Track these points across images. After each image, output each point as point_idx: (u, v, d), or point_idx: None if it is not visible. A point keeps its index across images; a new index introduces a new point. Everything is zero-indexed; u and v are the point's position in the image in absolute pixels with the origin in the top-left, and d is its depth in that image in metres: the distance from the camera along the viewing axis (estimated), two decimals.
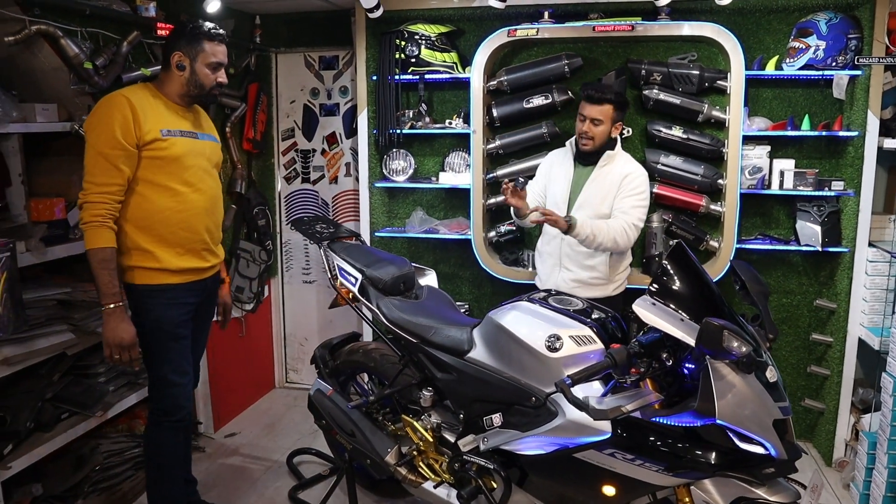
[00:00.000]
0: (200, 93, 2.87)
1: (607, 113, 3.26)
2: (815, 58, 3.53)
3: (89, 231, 2.64)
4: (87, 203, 2.63)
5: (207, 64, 2.82)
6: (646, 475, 2.25)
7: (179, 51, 2.79)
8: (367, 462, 3.04)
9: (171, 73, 2.83)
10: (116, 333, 2.68)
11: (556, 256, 3.46)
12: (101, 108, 2.67)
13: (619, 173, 3.34)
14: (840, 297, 3.75)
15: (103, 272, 2.65)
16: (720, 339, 1.96)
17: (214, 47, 2.83)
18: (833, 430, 3.80)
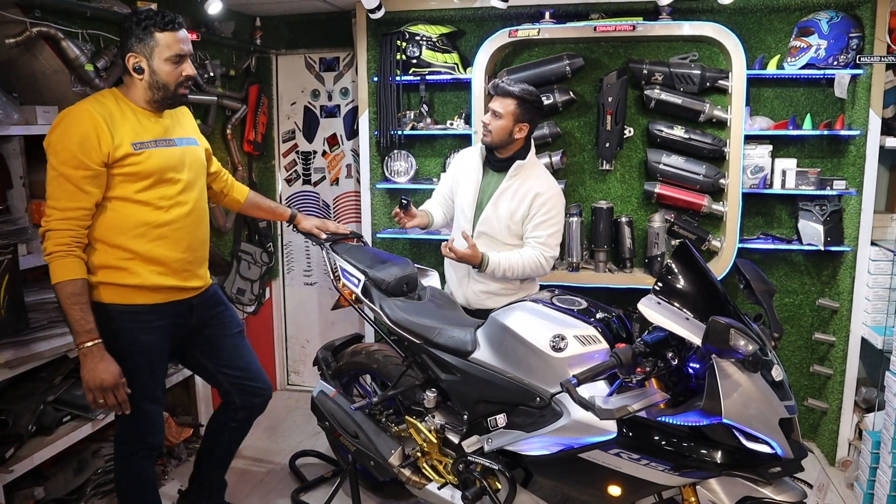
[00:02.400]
0: (166, 94, 2.52)
1: (508, 107, 3.05)
2: (816, 57, 3.52)
3: (55, 263, 2.36)
4: (51, 231, 2.36)
5: (166, 59, 2.46)
6: (652, 475, 2.25)
7: (132, 51, 2.46)
8: (371, 464, 3.03)
9: (132, 78, 2.51)
10: (96, 375, 2.39)
11: (465, 268, 3.24)
12: (62, 123, 2.38)
13: (529, 191, 3.13)
14: (842, 297, 3.75)
15: (74, 308, 2.36)
16: (727, 338, 1.95)
17: (170, 38, 2.45)
18: (836, 429, 3.79)
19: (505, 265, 3.07)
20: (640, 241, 4.00)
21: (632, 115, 3.94)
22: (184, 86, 2.55)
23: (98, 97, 2.50)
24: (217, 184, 3.04)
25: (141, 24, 2.43)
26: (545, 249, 3.11)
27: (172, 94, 2.53)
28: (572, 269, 3.90)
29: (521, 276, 3.12)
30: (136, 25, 2.44)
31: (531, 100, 3.08)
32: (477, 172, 3.25)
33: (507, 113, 3.06)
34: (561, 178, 3.97)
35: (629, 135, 3.93)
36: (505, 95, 3.07)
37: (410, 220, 3.22)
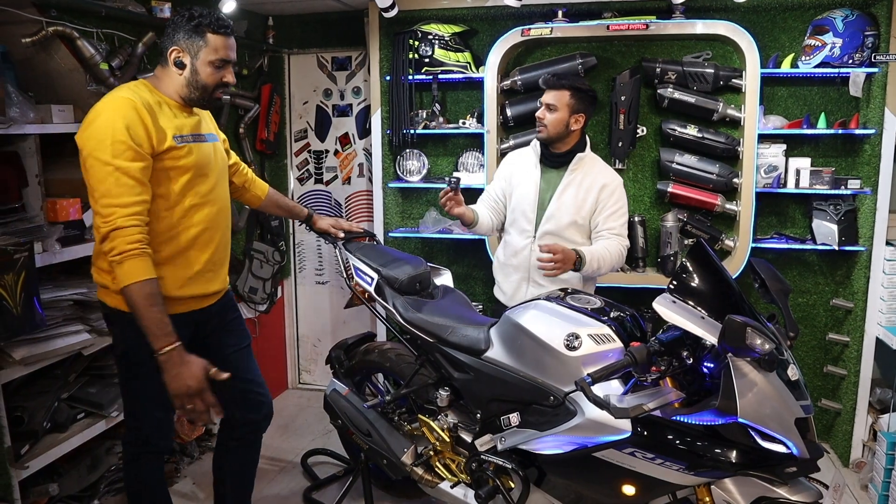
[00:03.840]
0: (202, 95, 2.44)
1: (562, 99, 3.05)
2: (831, 55, 3.51)
3: (128, 262, 2.19)
4: (119, 230, 2.19)
5: (211, 62, 2.39)
6: (666, 474, 2.24)
7: (178, 45, 2.38)
8: (384, 462, 3.03)
9: (169, 71, 2.42)
10: (182, 381, 2.23)
11: (525, 270, 3.23)
12: (104, 114, 2.23)
13: (594, 182, 3.14)
14: (857, 297, 3.73)
15: (152, 310, 2.21)
16: (743, 337, 1.94)
17: (220, 41, 2.39)
18: (850, 430, 3.77)
19: (598, 258, 3.02)
20: (652, 241, 3.98)
21: (644, 114, 3.93)
22: (221, 90, 2.48)
23: (131, 87, 2.38)
24: (238, 177, 2.97)
25: (194, 20, 2.36)
26: (622, 240, 3.14)
27: (208, 96, 2.46)
28: None
29: (609, 268, 3.10)
30: (187, 21, 2.36)
31: (585, 89, 3.10)
32: (535, 171, 3.22)
33: (563, 105, 3.06)
34: None
35: (642, 134, 3.92)
36: (559, 87, 3.07)
37: (458, 205, 3.11)
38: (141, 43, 3.22)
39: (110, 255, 2.21)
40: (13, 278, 2.43)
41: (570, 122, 3.10)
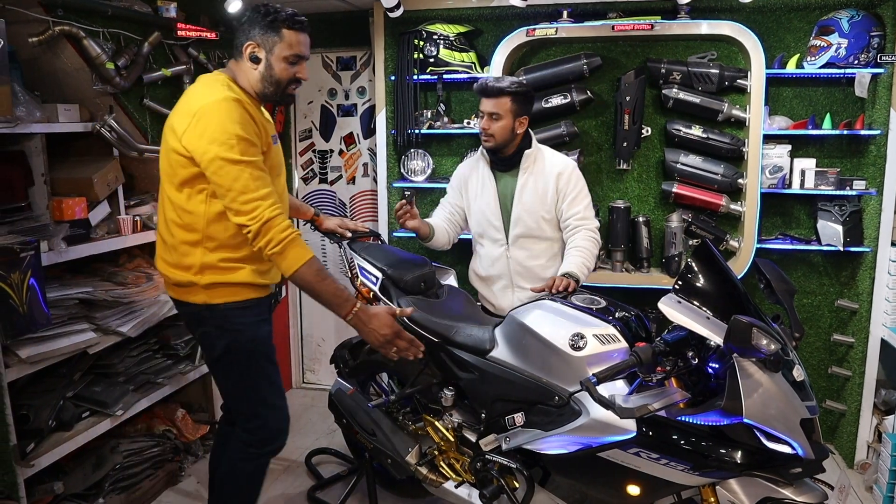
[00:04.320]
0: (276, 90, 2.46)
1: (504, 106, 3.01)
2: (836, 56, 3.50)
3: (293, 246, 2.30)
4: (271, 220, 2.27)
5: (285, 57, 2.41)
6: (671, 475, 2.24)
7: (253, 40, 2.40)
8: (388, 461, 3.04)
9: (243, 66, 2.44)
10: (377, 334, 2.42)
11: (507, 277, 3.23)
12: (216, 116, 2.27)
13: (550, 173, 3.11)
14: (862, 298, 3.72)
15: (327, 282, 2.36)
16: (749, 337, 1.94)
17: (295, 37, 2.42)
18: (855, 431, 3.76)
19: (585, 264, 2.98)
20: (657, 241, 3.98)
21: (649, 114, 3.92)
22: (293, 86, 2.51)
23: (223, 82, 2.40)
24: None
25: (269, 16, 2.39)
26: (588, 223, 3.11)
27: (281, 91, 2.48)
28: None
29: (593, 261, 3.05)
30: (263, 17, 2.39)
31: (524, 91, 3.05)
32: (489, 180, 3.21)
33: (506, 111, 3.02)
34: None
35: (647, 134, 3.91)
36: (499, 95, 3.01)
37: (413, 218, 3.13)
38: (147, 42, 3.24)
39: (268, 248, 2.28)
40: (20, 277, 2.44)
41: (516, 127, 3.07)
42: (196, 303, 2.45)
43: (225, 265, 2.42)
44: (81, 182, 3.08)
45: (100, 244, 3.13)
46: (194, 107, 2.30)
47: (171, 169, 2.37)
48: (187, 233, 2.40)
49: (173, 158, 2.34)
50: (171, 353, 3.69)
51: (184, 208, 2.38)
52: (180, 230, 2.40)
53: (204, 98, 2.31)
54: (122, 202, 3.29)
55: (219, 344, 2.48)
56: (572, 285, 2.79)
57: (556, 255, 3.21)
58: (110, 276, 3.31)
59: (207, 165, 2.26)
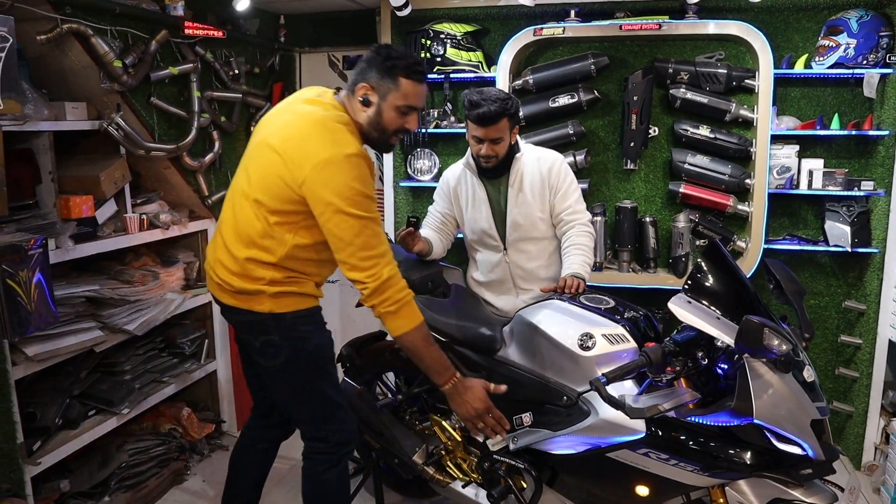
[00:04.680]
0: (380, 137, 2.40)
1: (504, 127, 2.89)
2: (845, 56, 3.49)
3: (406, 308, 2.33)
4: (390, 279, 2.29)
5: (397, 106, 2.34)
6: (680, 475, 2.23)
7: (368, 83, 2.33)
8: (395, 461, 3.03)
9: (354, 104, 2.37)
10: (469, 406, 2.43)
11: (508, 282, 3.17)
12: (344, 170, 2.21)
13: (540, 169, 3.03)
14: (870, 299, 3.71)
15: (432, 349, 2.39)
16: (761, 337, 1.94)
17: (411, 88, 2.33)
18: (862, 433, 3.75)
19: (587, 262, 2.92)
20: (664, 242, 3.97)
21: (657, 114, 3.91)
22: (398, 135, 2.45)
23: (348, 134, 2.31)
24: None
25: (389, 61, 2.32)
26: (581, 216, 3.03)
27: (386, 139, 2.43)
28: (596, 269, 3.87)
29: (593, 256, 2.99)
30: (383, 61, 2.32)
31: (513, 105, 2.93)
32: (479, 189, 3.11)
33: (505, 131, 2.92)
34: (585, 177, 3.96)
35: (654, 134, 3.91)
36: (498, 119, 2.86)
37: (417, 243, 3.05)
38: (154, 41, 3.22)
39: (382, 306, 2.30)
40: (27, 274, 2.44)
41: (512, 139, 3.00)
42: (261, 311, 2.40)
43: (292, 279, 2.41)
44: (88, 180, 3.07)
45: (106, 242, 3.12)
46: (320, 153, 2.23)
47: (276, 195, 2.31)
48: (262, 253, 2.35)
49: (284, 190, 2.29)
50: (176, 351, 3.70)
51: (271, 233, 2.34)
52: (255, 249, 2.36)
53: (331, 147, 2.24)
54: (128, 200, 3.28)
55: (283, 353, 2.44)
56: (582, 286, 2.77)
57: (553, 254, 3.15)
58: (117, 275, 3.31)
59: (328, 217, 2.24)
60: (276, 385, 2.58)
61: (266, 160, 2.34)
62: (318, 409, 2.56)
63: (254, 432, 2.89)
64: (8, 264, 2.35)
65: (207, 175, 3.75)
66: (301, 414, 2.61)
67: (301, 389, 2.54)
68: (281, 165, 2.28)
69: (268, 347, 2.45)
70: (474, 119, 2.88)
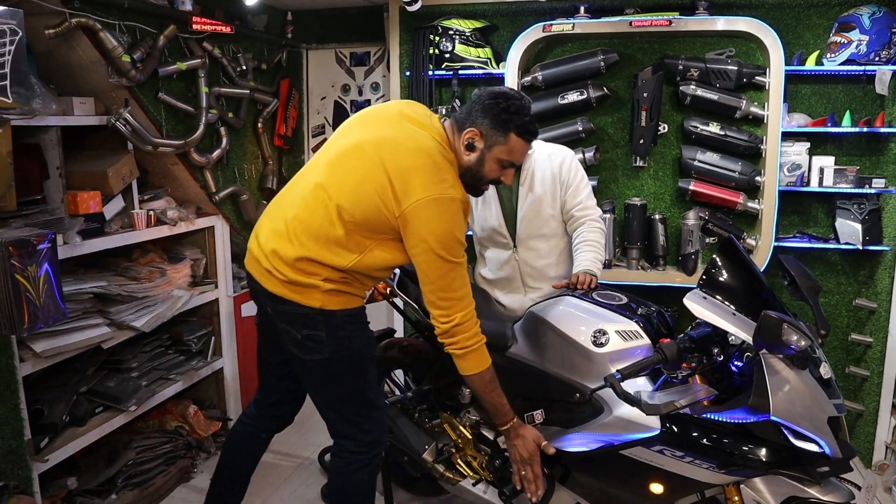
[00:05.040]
0: (473, 183, 2.40)
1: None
2: (857, 52, 3.47)
3: (476, 352, 2.38)
4: (466, 322, 2.33)
5: (500, 160, 2.35)
6: (696, 473, 2.21)
7: (478, 129, 2.31)
8: (404, 459, 3.01)
9: (459, 143, 2.36)
10: (518, 450, 2.51)
11: (517, 280, 3.12)
12: (443, 215, 2.22)
13: (552, 164, 2.96)
14: (881, 297, 3.68)
15: (495, 393, 2.44)
16: (780, 333, 1.92)
17: (520, 146, 2.35)
18: (873, 432, 3.72)
19: (598, 258, 2.89)
20: (673, 239, 3.95)
21: (666, 111, 3.89)
22: (489, 185, 2.47)
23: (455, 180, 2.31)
24: None
25: (505, 114, 2.30)
26: (591, 212, 2.98)
27: (478, 186, 2.44)
28: (605, 267, 3.82)
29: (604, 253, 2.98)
30: (501, 111, 2.30)
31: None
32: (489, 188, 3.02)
33: None
34: (594, 174, 3.94)
35: (663, 131, 3.89)
36: None
37: None
38: (162, 36, 3.21)
39: (451, 346, 2.38)
40: (35, 269, 2.41)
41: None
42: (311, 305, 2.35)
43: (345, 280, 2.37)
44: (96, 175, 3.06)
45: (114, 238, 3.11)
46: (428, 193, 2.21)
47: (361, 207, 2.28)
48: (335, 257, 2.31)
49: (375, 209, 2.26)
50: (183, 349, 3.68)
51: (348, 242, 2.31)
52: (323, 249, 2.31)
53: (437, 188, 2.22)
54: (136, 196, 3.27)
55: (326, 349, 2.39)
56: (594, 282, 2.75)
57: (563, 252, 3.11)
58: (124, 271, 3.29)
59: (419, 253, 2.26)
60: (313, 379, 2.54)
61: (365, 171, 2.28)
62: (354, 407, 2.54)
63: (255, 421, 2.84)
64: (16, 259, 2.32)
65: (214, 171, 3.74)
66: (335, 411, 2.56)
67: (339, 387, 2.50)
68: (386, 188, 2.24)
69: (310, 342, 2.40)
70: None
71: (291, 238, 2.34)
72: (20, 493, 2.65)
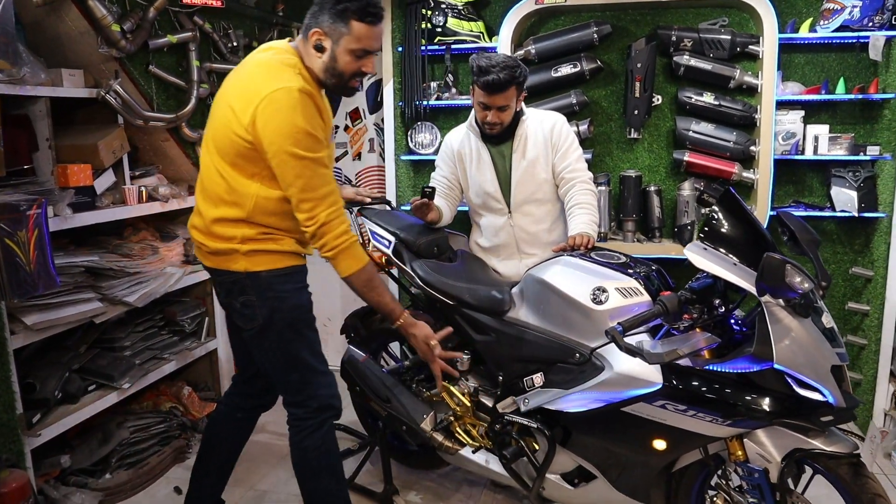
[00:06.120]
0: (338, 83, 2.35)
1: (511, 95, 2.89)
2: (850, 18, 3.46)
3: (351, 249, 2.34)
4: (331, 222, 2.29)
5: (352, 50, 2.28)
6: (698, 426, 2.20)
7: (320, 28, 2.27)
8: (403, 428, 2.98)
9: (309, 50, 2.32)
10: (419, 343, 2.59)
11: (512, 246, 3.15)
12: (285, 109, 2.19)
13: (541, 131, 3.03)
14: (877, 264, 3.69)
15: (375, 292, 2.45)
16: (783, 274, 1.91)
17: (364, 31, 2.27)
18: (871, 399, 3.73)
19: (593, 220, 2.92)
20: (668, 211, 3.94)
21: (660, 83, 3.88)
22: (356, 79, 2.40)
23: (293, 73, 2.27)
24: None
25: (340, 4, 2.24)
26: (581, 174, 3.02)
27: (344, 84, 2.38)
28: (600, 239, 3.83)
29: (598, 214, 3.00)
30: (334, 4, 2.25)
31: (521, 71, 2.91)
32: (484, 153, 3.10)
33: (512, 99, 2.92)
34: (588, 147, 3.93)
35: (657, 102, 3.87)
36: (506, 87, 2.85)
37: (431, 211, 3.06)
38: (153, 7, 3.17)
39: (322, 251, 2.34)
40: (26, 235, 2.38)
41: (517, 106, 2.99)
42: (237, 270, 2.37)
43: (266, 236, 2.37)
44: (86, 148, 3.03)
45: (105, 213, 3.07)
46: (262, 91, 2.20)
47: (228, 147, 2.29)
48: (231, 210, 2.33)
49: (234, 140, 2.26)
50: (176, 329, 3.65)
51: (235, 187, 2.31)
52: (225, 206, 2.33)
53: (273, 84, 2.21)
54: (127, 172, 3.24)
55: (260, 313, 2.39)
56: (592, 241, 2.74)
57: (558, 217, 3.14)
58: (115, 248, 3.27)
59: (272, 157, 2.23)
60: (256, 349, 2.53)
61: (220, 114, 2.33)
62: (295, 373, 2.51)
63: (232, 399, 2.83)
64: (6, 223, 2.29)
65: None
66: (279, 379, 2.56)
67: (278, 353, 2.48)
68: (231, 116, 2.26)
69: (246, 309, 2.41)
70: (482, 86, 2.86)
71: (201, 208, 2.42)
72: (12, 466, 2.61)
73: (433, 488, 3.31)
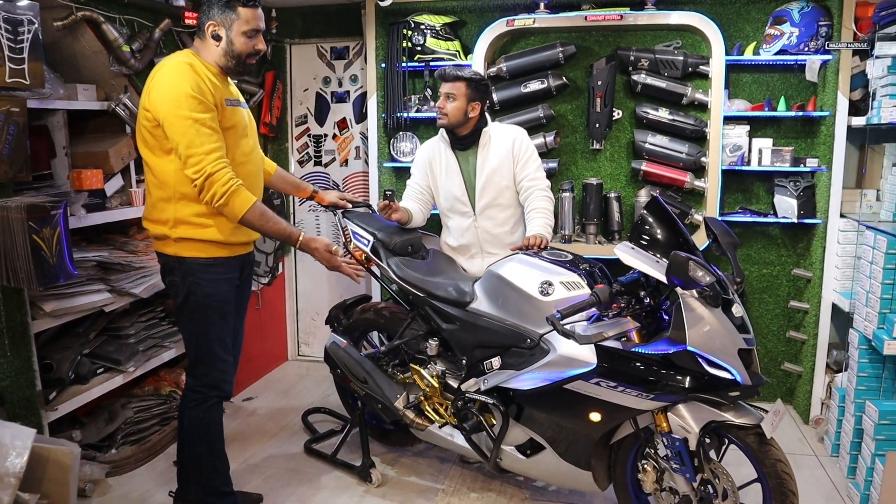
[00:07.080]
0: (238, 63, 2.72)
1: (460, 89, 3.28)
2: (789, 44, 3.82)
3: (237, 193, 2.58)
4: (214, 174, 2.54)
5: (244, 32, 2.67)
6: (627, 400, 2.54)
7: (213, 20, 2.66)
8: (378, 406, 3.32)
9: (208, 43, 2.69)
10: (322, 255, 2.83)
11: (476, 245, 3.48)
12: (168, 77, 2.55)
13: (504, 143, 3.38)
14: (815, 266, 4.03)
15: (270, 223, 2.69)
16: (686, 269, 2.25)
17: (250, 13, 2.66)
18: (810, 390, 4.06)
19: (548, 223, 3.27)
20: (627, 216, 4.29)
21: (620, 98, 4.23)
22: (253, 57, 2.75)
23: (181, 56, 2.66)
24: None
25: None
26: (539, 183, 3.37)
27: (242, 63, 2.74)
28: (565, 241, 4.15)
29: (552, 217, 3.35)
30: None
31: (478, 79, 3.34)
32: (451, 159, 3.46)
33: (460, 94, 3.29)
34: (554, 157, 4.29)
35: (618, 116, 4.22)
36: (455, 80, 3.30)
37: (395, 212, 3.37)
38: (158, 29, 3.51)
39: (214, 201, 2.58)
40: (50, 232, 2.72)
41: (468, 110, 3.32)
42: (168, 254, 2.75)
43: (197, 221, 2.69)
44: (98, 155, 3.34)
45: (114, 213, 3.39)
46: (154, 73, 2.61)
47: (144, 133, 2.64)
48: (160, 190, 2.68)
49: (143, 123, 2.63)
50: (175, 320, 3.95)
51: (156, 167, 2.66)
52: (155, 188, 2.71)
53: (161, 65, 2.62)
54: (133, 176, 3.55)
55: (180, 293, 2.77)
56: (545, 242, 3.09)
57: (518, 221, 3.49)
58: (122, 246, 3.58)
59: (164, 121, 2.54)
60: (178, 321, 2.92)
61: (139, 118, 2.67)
62: (194, 349, 2.86)
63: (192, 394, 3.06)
64: (34, 221, 2.63)
65: None
66: (187, 350, 2.91)
67: (187, 328, 2.86)
68: (142, 113, 2.62)
69: (171, 287, 2.82)
70: (437, 74, 3.41)
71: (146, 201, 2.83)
72: None
73: (407, 464, 3.64)
